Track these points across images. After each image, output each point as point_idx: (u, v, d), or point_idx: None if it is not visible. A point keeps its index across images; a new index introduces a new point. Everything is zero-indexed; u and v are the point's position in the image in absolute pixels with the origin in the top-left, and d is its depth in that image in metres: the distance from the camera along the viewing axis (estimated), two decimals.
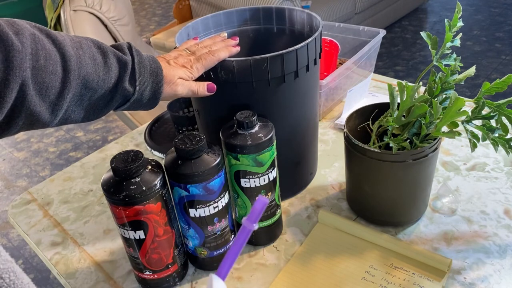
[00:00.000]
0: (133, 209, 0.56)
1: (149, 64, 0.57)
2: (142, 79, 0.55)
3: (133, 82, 0.55)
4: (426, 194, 0.70)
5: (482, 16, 3.52)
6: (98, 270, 0.71)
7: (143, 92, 0.56)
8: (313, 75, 0.70)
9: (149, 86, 0.56)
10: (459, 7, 0.63)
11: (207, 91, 0.62)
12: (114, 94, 0.54)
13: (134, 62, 0.55)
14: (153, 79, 0.57)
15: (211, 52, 0.62)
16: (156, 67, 0.57)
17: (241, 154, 0.60)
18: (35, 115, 0.47)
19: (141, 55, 0.57)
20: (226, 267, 0.37)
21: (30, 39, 0.46)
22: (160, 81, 0.57)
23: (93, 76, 0.51)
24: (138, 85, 0.55)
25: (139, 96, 0.56)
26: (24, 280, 0.42)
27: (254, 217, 0.37)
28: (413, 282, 0.62)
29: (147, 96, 0.57)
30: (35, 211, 0.85)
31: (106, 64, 0.52)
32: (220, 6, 2.58)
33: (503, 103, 0.59)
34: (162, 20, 4.28)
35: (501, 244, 0.67)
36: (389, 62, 3.01)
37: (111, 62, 0.53)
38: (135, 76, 0.55)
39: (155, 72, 0.57)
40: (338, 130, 0.97)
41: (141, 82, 0.55)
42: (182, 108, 0.94)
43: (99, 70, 0.52)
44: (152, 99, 0.58)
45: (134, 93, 0.55)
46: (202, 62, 0.62)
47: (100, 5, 1.40)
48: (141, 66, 0.56)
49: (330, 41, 1.02)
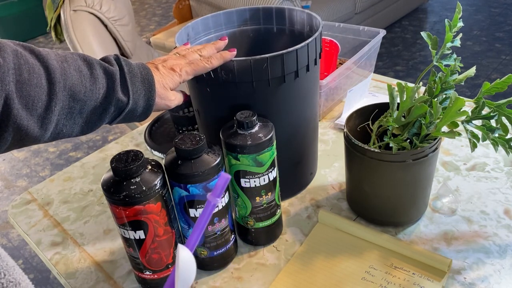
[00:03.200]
0: (133, 209, 0.56)
1: (140, 71, 0.56)
2: (134, 87, 0.54)
3: (126, 92, 0.54)
4: (426, 194, 0.70)
5: (482, 16, 3.52)
6: (98, 270, 0.71)
7: (137, 100, 0.55)
8: (313, 75, 0.70)
9: (142, 94, 0.55)
10: (459, 7, 0.63)
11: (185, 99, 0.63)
12: (107, 106, 0.53)
13: (124, 72, 0.54)
14: (145, 88, 0.55)
15: (205, 59, 0.61)
16: (147, 74, 0.56)
17: (241, 154, 0.61)
18: (24, 129, 0.47)
19: (130, 64, 0.56)
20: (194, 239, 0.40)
21: (12, 55, 0.46)
22: (152, 89, 0.56)
23: (79, 87, 0.50)
24: (131, 94, 0.54)
25: (133, 105, 0.55)
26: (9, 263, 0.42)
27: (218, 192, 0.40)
28: (413, 282, 0.62)
29: (141, 104, 0.56)
30: (35, 211, 0.85)
31: (92, 75, 0.52)
32: (220, 6, 2.58)
33: (503, 103, 0.59)
34: (162, 20, 4.28)
35: (501, 244, 0.67)
36: (389, 62, 3.01)
37: (97, 73, 0.52)
38: (127, 85, 0.54)
39: (146, 80, 0.56)
40: (338, 130, 0.97)
41: (134, 90, 0.54)
42: (182, 108, 0.94)
43: (85, 81, 0.51)
44: (146, 107, 0.56)
45: (128, 102, 0.54)
46: (193, 67, 0.60)
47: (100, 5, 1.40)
48: (132, 75, 0.55)
49: (330, 41, 1.02)
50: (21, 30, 4.15)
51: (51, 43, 4.10)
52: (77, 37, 1.36)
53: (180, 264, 0.37)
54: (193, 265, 0.38)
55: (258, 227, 0.68)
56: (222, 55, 0.61)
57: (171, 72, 0.59)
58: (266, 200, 0.66)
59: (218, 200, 0.40)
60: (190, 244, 0.40)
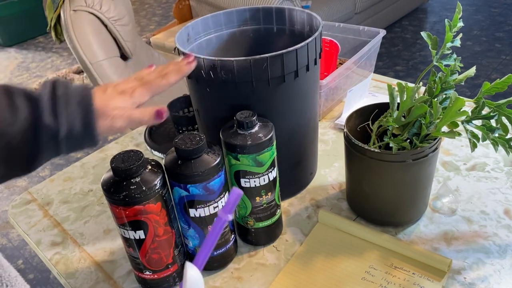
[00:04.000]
0: (133, 209, 0.56)
1: (77, 93, 0.51)
2: (66, 111, 0.49)
3: (55, 116, 0.48)
4: (426, 194, 0.70)
5: (482, 16, 3.52)
6: (98, 270, 0.71)
7: (71, 126, 0.49)
8: (313, 75, 0.70)
9: (78, 118, 0.49)
10: (459, 7, 0.63)
11: (156, 118, 0.54)
12: (36, 135, 0.48)
13: (56, 95, 0.49)
14: (82, 109, 0.50)
15: (160, 77, 0.57)
16: (85, 95, 0.51)
17: (241, 154, 0.61)
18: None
19: (69, 86, 0.51)
20: (202, 257, 0.38)
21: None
22: (90, 111, 0.50)
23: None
24: (61, 118, 0.48)
25: (67, 131, 0.49)
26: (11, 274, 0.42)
27: (229, 208, 0.39)
28: (413, 282, 0.62)
29: (77, 129, 0.50)
30: (35, 211, 0.85)
31: (12, 105, 0.47)
32: (220, 6, 2.58)
33: (503, 103, 0.59)
34: (162, 20, 4.28)
35: (501, 244, 0.67)
36: (389, 62, 3.01)
37: (18, 102, 0.47)
38: (56, 109, 0.48)
39: (83, 101, 0.50)
40: (338, 130, 0.97)
41: (67, 113, 0.49)
42: (182, 108, 0.94)
43: (4, 113, 0.47)
44: (87, 132, 0.50)
45: (58, 128, 0.48)
46: (147, 86, 0.56)
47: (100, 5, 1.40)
48: (66, 98, 0.49)
49: (330, 41, 1.02)
50: (21, 30, 4.15)
51: (51, 43, 4.10)
52: (77, 37, 1.36)
53: (188, 283, 0.36)
54: (201, 285, 0.37)
55: (258, 227, 0.68)
56: (180, 69, 0.58)
57: (120, 96, 0.54)
58: (266, 200, 0.66)
59: (229, 217, 0.39)
60: (199, 262, 0.38)
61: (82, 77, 3.13)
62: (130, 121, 0.53)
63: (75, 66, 3.35)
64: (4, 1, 3.93)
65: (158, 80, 0.56)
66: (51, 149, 0.50)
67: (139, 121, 0.53)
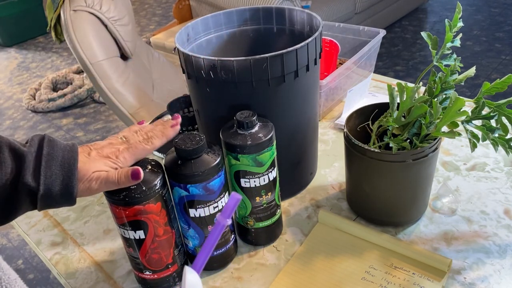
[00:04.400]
0: (133, 209, 0.56)
1: (62, 155, 0.51)
2: (48, 172, 0.49)
3: (37, 176, 0.49)
4: (426, 194, 0.70)
5: (482, 16, 3.52)
6: (98, 270, 0.71)
7: (51, 186, 0.49)
8: (313, 75, 0.70)
9: (59, 180, 0.50)
10: (459, 7, 0.63)
11: (132, 178, 0.53)
12: (15, 192, 0.48)
13: (42, 154, 0.49)
14: (64, 172, 0.50)
15: (145, 140, 0.57)
16: (69, 157, 0.51)
17: (241, 154, 0.60)
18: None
19: (55, 145, 0.51)
20: (201, 261, 0.39)
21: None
22: (72, 173, 0.50)
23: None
24: (43, 178, 0.49)
25: (46, 191, 0.49)
26: (11, 276, 0.42)
27: (227, 213, 0.39)
28: (413, 282, 0.62)
29: (56, 190, 0.50)
30: (35, 211, 0.85)
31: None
32: (220, 6, 2.58)
33: (503, 103, 0.59)
34: (162, 20, 4.28)
35: (501, 244, 0.67)
36: (389, 62, 3.01)
37: (4, 156, 0.48)
38: (39, 169, 0.49)
39: (66, 163, 0.50)
40: (338, 130, 0.97)
41: (48, 175, 0.49)
42: (182, 108, 0.94)
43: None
44: (65, 194, 0.50)
45: (38, 188, 0.49)
46: (132, 151, 0.56)
47: (100, 5, 1.40)
48: (50, 158, 0.50)
49: (330, 41, 1.02)
50: (21, 30, 4.15)
51: (51, 43, 4.10)
52: (77, 37, 1.36)
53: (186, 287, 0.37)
54: None
55: (258, 227, 0.68)
56: (164, 133, 0.58)
57: (103, 159, 0.54)
58: (266, 200, 0.66)
59: (228, 222, 0.39)
60: (198, 266, 0.39)
61: (82, 77, 3.13)
62: (106, 183, 0.53)
63: (75, 66, 3.35)
64: (4, 1, 3.93)
65: (143, 145, 0.56)
66: (28, 205, 0.50)
67: (115, 183, 0.53)
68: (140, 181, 0.54)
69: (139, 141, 0.57)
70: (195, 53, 0.65)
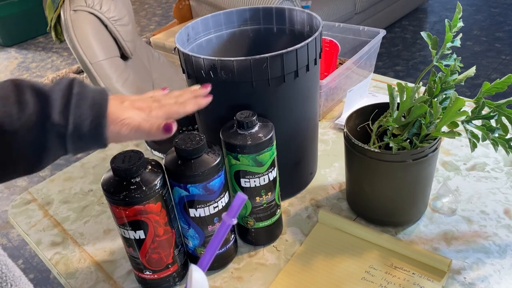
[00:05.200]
0: (133, 209, 0.56)
1: (93, 96, 0.50)
2: (78, 111, 0.48)
3: (65, 114, 0.48)
4: (426, 194, 0.70)
5: (482, 16, 3.52)
6: (98, 270, 0.71)
7: (80, 126, 0.48)
8: (313, 75, 0.70)
9: (89, 120, 0.49)
10: (459, 7, 0.63)
11: (164, 131, 0.52)
12: (45, 131, 0.47)
13: (72, 93, 0.49)
14: (94, 112, 0.49)
15: (178, 103, 0.56)
16: (100, 99, 0.50)
17: (241, 154, 0.61)
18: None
19: (86, 87, 0.50)
20: (207, 260, 0.39)
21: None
22: (102, 114, 0.49)
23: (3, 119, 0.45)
24: (72, 117, 0.48)
25: (75, 130, 0.48)
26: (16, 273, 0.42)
27: (233, 212, 0.39)
28: (413, 282, 0.62)
29: (86, 131, 0.49)
30: (35, 211, 0.85)
31: (20, 101, 0.47)
32: (220, 6, 2.58)
33: (503, 103, 0.59)
34: (162, 20, 4.28)
35: (501, 244, 0.67)
36: (389, 62, 3.01)
37: (26, 98, 0.47)
38: (69, 107, 0.48)
39: (97, 104, 0.50)
40: (338, 130, 0.97)
41: (77, 114, 0.48)
42: None
43: (11, 109, 0.46)
44: (95, 135, 0.49)
45: (66, 126, 0.48)
46: (164, 110, 0.55)
47: (100, 5, 1.40)
48: (80, 98, 0.49)
49: (330, 41, 1.02)
50: (21, 30, 4.15)
51: (51, 43, 4.10)
52: (77, 37, 1.36)
53: (193, 286, 0.37)
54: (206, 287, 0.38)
55: (258, 227, 0.68)
56: (197, 101, 0.57)
57: (136, 110, 0.53)
58: (266, 200, 0.66)
59: (233, 221, 0.39)
60: (203, 264, 0.39)
61: (82, 77, 3.13)
62: (137, 130, 0.52)
63: (75, 66, 3.34)
64: (4, 1, 3.93)
65: (176, 107, 0.55)
66: (57, 148, 0.49)
67: (146, 132, 0.52)
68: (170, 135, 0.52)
69: (171, 103, 0.56)
70: (195, 53, 0.65)
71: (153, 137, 0.52)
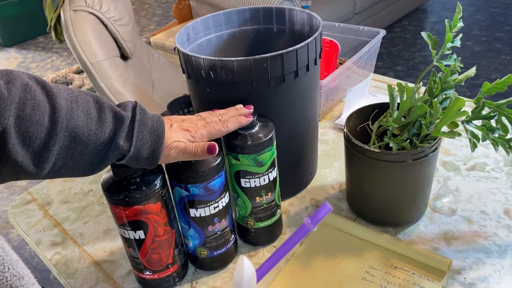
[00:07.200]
0: (133, 209, 0.56)
1: (151, 123, 0.54)
2: (140, 136, 0.53)
3: (129, 139, 0.52)
4: (426, 194, 0.70)
5: (482, 16, 3.52)
6: (98, 270, 0.71)
7: (140, 150, 0.53)
8: (313, 75, 0.70)
9: (147, 145, 0.53)
10: (460, 7, 0.63)
11: (208, 152, 0.56)
12: (109, 150, 0.52)
13: (135, 119, 0.53)
14: (153, 138, 0.54)
15: (221, 122, 0.59)
16: (158, 127, 0.54)
17: (241, 154, 0.61)
18: (18, 165, 0.47)
19: (146, 113, 0.55)
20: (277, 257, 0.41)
21: (20, 89, 0.46)
22: (160, 141, 0.54)
23: (83, 130, 0.49)
24: (134, 142, 0.52)
25: (135, 153, 0.53)
26: (13, 257, 0.42)
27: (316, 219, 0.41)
28: (413, 282, 0.62)
29: (144, 154, 0.53)
30: (35, 211, 0.85)
31: (100, 119, 0.51)
32: (220, 6, 2.58)
33: (503, 103, 0.59)
34: (162, 20, 4.28)
35: (501, 244, 0.67)
36: (389, 62, 3.01)
37: (106, 117, 0.51)
38: (132, 133, 0.52)
39: (156, 131, 0.54)
40: (338, 130, 0.97)
41: (139, 139, 0.53)
42: (182, 108, 0.94)
43: (91, 124, 0.50)
44: (151, 158, 0.54)
45: (129, 150, 0.52)
46: (208, 129, 0.58)
47: (100, 5, 1.40)
48: (142, 124, 0.53)
49: (330, 41, 1.02)
50: (21, 30, 4.15)
51: (51, 43, 4.10)
52: (77, 37, 1.36)
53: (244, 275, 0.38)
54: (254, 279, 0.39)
55: (258, 227, 0.68)
56: (238, 120, 0.60)
57: (183, 132, 0.57)
58: (266, 200, 0.66)
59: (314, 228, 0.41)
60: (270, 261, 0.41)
61: (82, 77, 3.13)
62: (184, 153, 0.56)
63: (75, 66, 3.35)
64: (4, 1, 3.93)
65: (219, 126, 0.59)
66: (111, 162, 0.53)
67: (192, 155, 0.56)
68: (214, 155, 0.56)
69: (215, 121, 0.60)
70: (195, 53, 0.65)
71: (198, 158, 0.56)
